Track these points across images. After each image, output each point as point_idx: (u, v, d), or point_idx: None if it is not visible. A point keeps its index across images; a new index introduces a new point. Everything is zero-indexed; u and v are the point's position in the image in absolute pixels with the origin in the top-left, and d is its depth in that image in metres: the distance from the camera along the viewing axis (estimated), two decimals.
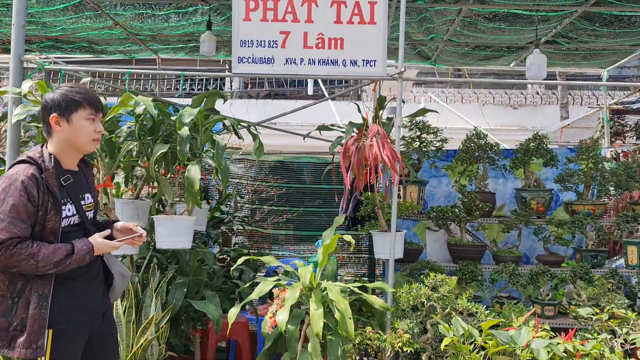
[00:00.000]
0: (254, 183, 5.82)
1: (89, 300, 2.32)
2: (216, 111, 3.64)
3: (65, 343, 2.21)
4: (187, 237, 3.37)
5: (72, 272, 2.22)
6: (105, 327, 2.43)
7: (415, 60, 5.66)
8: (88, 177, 2.46)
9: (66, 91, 2.29)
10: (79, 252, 2.19)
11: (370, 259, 5.69)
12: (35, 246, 2.12)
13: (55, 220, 2.20)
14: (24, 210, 2.12)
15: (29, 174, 2.17)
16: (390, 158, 3.37)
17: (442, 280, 3.30)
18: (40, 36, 4.95)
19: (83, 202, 2.36)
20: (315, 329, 2.83)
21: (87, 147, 2.35)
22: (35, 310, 2.14)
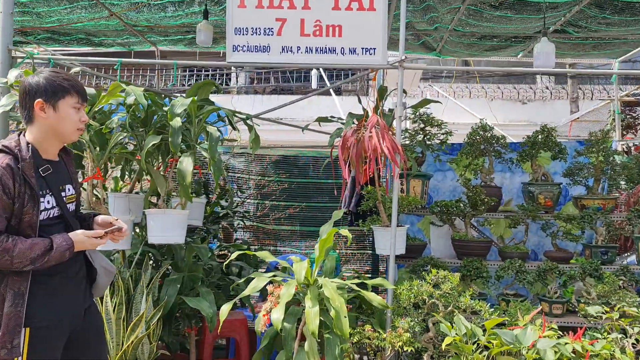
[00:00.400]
0: (255, 178, 5.71)
1: (68, 298, 2.19)
2: (211, 102, 3.52)
3: (43, 342, 2.09)
4: (180, 231, 3.26)
5: (51, 269, 2.10)
6: (87, 324, 2.30)
7: (419, 51, 5.50)
8: (69, 167, 2.33)
9: (52, 76, 2.16)
10: (58, 248, 2.07)
11: (373, 256, 5.57)
12: (10, 241, 2.00)
13: (32, 214, 2.07)
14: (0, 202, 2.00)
15: (4, 164, 2.04)
16: (390, 150, 3.24)
17: (444, 277, 3.17)
18: (35, 27, 4.85)
19: (64, 193, 2.23)
20: (311, 327, 2.71)
21: (71, 136, 2.24)
22: (11, 308, 2.02)
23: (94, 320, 2.36)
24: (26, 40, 5.32)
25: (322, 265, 3.19)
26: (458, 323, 2.88)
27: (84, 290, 2.30)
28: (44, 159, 2.18)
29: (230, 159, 5.65)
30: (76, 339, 2.26)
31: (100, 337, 2.39)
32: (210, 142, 3.12)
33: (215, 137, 3.13)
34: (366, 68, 3.77)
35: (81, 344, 2.29)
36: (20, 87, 2.20)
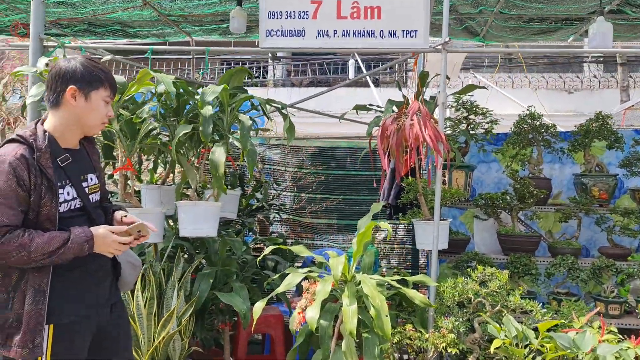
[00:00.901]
0: (291, 170, 5.57)
1: (92, 293, 2.09)
2: (244, 90, 3.38)
3: (67, 339, 2.00)
4: (211, 224, 3.14)
5: (72, 264, 1.99)
6: (114, 321, 2.20)
7: (462, 37, 5.24)
8: (92, 155, 2.21)
9: (89, 64, 2.06)
10: (74, 239, 1.95)
11: (414, 251, 5.37)
12: (27, 236, 1.90)
13: (51, 206, 1.96)
14: (13, 195, 1.89)
15: (18, 155, 1.92)
16: (433, 138, 3.03)
17: (491, 274, 2.95)
18: (71, 18, 4.82)
19: (85, 183, 2.12)
20: (349, 326, 2.55)
21: (95, 129, 2.16)
22: (32, 306, 1.93)
23: (120, 317, 2.26)
24: (63, 33, 5.30)
25: (360, 260, 3.02)
26: (507, 324, 2.67)
27: (109, 286, 2.20)
28: (63, 148, 2.07)
29: (266, 151, 5.53)
30: (103, 336, 2.16)
31: (127, 333, 2.29)
32: (242, 131, 2.99)
33: (248, 126, 3.00)
34: (407, 52, 3.56)
35: (109, 341, 2.19)
36: (52, 69, 2.08)
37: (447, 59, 3.21)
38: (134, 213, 3.06)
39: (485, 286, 2.93)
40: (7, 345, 1.93)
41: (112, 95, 2.13)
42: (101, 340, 2.16)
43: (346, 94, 10.09)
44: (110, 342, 2.20)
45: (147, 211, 3.19)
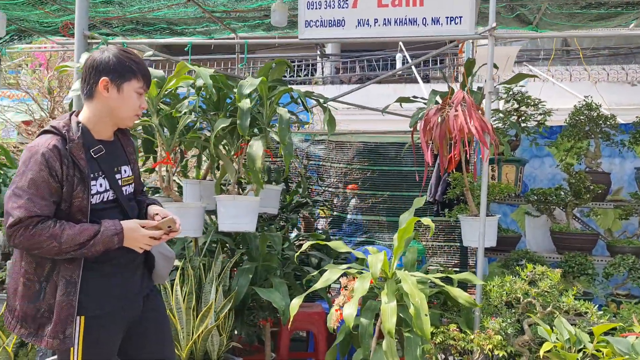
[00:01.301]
0: (337, 165, 5.49)
1: (123, 285, 2.09)
2: (284, 82, 3.33)
3: (98, 331, 1.99)
4: (250, 219, 3.11)
5: (103, 257, 1.99)
6: (146, 313, 2.19)
7: (513, 25, 5.01)
8: (126, 147, 2.21)
9: (122, 55, 2.06)
10: (104, 231, 1.94)
11: (462, 248, 5.20)
12: (58, 226, 1.90)
13: (82, 197, 1.96)
14: (45, 185, 1.90)
15: (51, 145, 1.93)
16: (479, 129, 2.89)
17: (542, 273, 2.78)
18: (118, 17, 4.91)
19: (119, 175, 2.12)
20: (387, 325, 2.45)
21: (127, 121, 2.15)
22: (63, 296, 1.93)
23: (154, 309, 2.24)
24: (113, 32, 5.41)
25: (401, 257, 2.90)
26: (559, 326, 2.50)
27: (141, 278, 2.19)
28: (97, 139, 2.07)
29: (311, 146, 5.47)
30: (135, 328, 2.15)
31: (163, 323, 2.27)
32: (280, 124, 2.93)
33: (286, 120, 2.94)
34: (451, 40, 3.42)
35: (141, 333, 2.18)
36: (86, 61, 2.09)
37: (501, 52, 3.05)
38: (174, 207, 3.07)
39: (535, 286, 2.76)
40: (38, 335, 1.94)
41: (145, 87, 2.11)
42: (134, 332, 2.15)
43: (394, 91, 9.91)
44: (142, 334, 2.19)
45: (187, 205, 3.19)
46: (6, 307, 2.04)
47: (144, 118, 2.97)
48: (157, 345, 2.22)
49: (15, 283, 1.99)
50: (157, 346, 2.21)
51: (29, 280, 1.96)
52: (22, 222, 1.86)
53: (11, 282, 2.01)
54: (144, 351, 2.17)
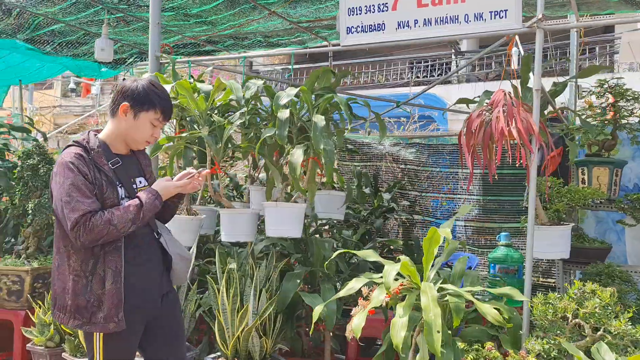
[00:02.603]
0: (429, 169, 5.33)
1: (143, 283, 2.30)
2: (331, 90, 3.35)
3: (127, 321, 2.22)
4: (294, 225, 3.18)
5: (127, 256, 2.24)
6: (165, 310, 2.40)
7: (622, 9, 4.43)
8: (141, 161, 2.46)
9: (148, 87, 2.31)
10: (147, 201, 2.22)
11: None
12: (107, 214, 2.15)
13: (113, 197, 2.23)
14: (84, 186, 2.16)
15: (76, 154, 2.21)
16: (522, 132, 2.65)
17: (591, 292, 2.47)
18: (214, 34, 5.29)
19: (135, 185, 2.37)
20: (395, 340, 2.37)
21: (137, 145, 2.41)
22: (112, 285, 2.19)
23: (170, 309, 2.43)
24: (216, 49, 5.84)
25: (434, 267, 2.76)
26: (595, 354, 2.20)
27: (160, 277, 2.39)
28: (114, 153, 2.34)
29: (401, 150, 5.38)
30: (155, 325, 2.37)
31: (178, 324, 2.47)
32: (314, 132, 2.96)
33: (320, 127, 2.96)
34: (497, 36, 3.17)
35: (160, 330, 2.39)
36: (119, 85, 2.37)
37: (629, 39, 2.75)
38: (224, 214, 3.25)
39: (582, 305, 2.46)
40: (91, 322, 2.20)
41: (161, 119, 2.34)
42: (153, 328, 2.37)
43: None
44: (162, 331, 2.39)
45: (238, 212, 3.36)
46: (55, 307, 2.31)
47: (195, 130, 3.20)
48: (166, 345, 2.40)
49: (63, 282, 2.25)
50: (165, 346, 2.40)
51: (77, 276, 2.21)
52: (78, 222, 2.12)
53: (58, 283, 2.28)
54: (153, 348, 2.37)
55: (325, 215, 3.89)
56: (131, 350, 2.34)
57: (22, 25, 4.93)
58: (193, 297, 3.37)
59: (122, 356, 2.30)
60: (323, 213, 3.88)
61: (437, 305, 2.39)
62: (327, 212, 3.88)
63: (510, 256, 3.45)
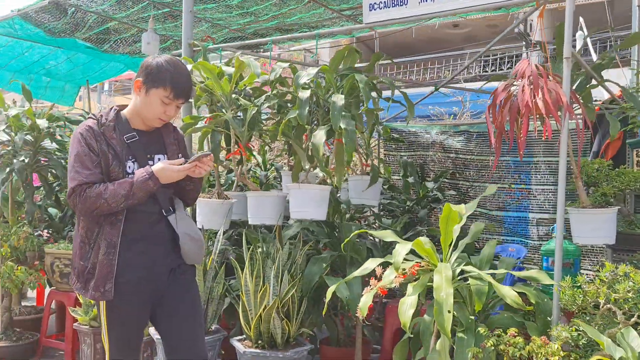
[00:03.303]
0: (477, 158, 5.10)
1: (147, 257, 2.32)
2: (357, 71, 3.27)
3: (124, 294, 2.26)
4: (317, 207, 3.13)
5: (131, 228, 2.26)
6: (174, 289, 2.40)
7: None
8: (166, 138, 2.43)
9: (164, 64, 2.29)
10: (138, 179, 2.21)
11: None
12: (101, 186, 2.20)
13: (118, 171, 2.25)
14: (87, 158, 2.21)
15: (87, 126, 2.28)
16: (548, 103, 2.47)
17: (624, 275, 2.25)
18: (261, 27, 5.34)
19: (152, 162, 2.36)
20: (402, 318, 2.26)
21: (151, 122, 2.37)
22: (104, 256, 2.24)
23: (180, 287, 2.42)
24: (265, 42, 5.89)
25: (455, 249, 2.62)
26: (620, 340, 2.00)
27: (165, 252, 2.38)
28: (133, 128, 2.35)
29: (449, 139, 5.19)
30: (162, 303, 2.39)
31: (188, 305, 2.43)
32: (332, 111, 2.90)
33: (339, 107, 2.90)
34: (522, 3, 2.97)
35: (168, 309, 2.40)
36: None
37: None
38: (251, 196, 3.26)
39: (613, 289, 2.25)
40: (85, 288, 2.28)
41: (172, 97, 2.28)
42: (164, 306, 2.39)
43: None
44: (172, 310, 2.40)
45: (264, 194, 3.35)
46: (72, 267, 2.44)
47: (220, 112, 3.23)
48: (178, 324, 2.39)
49: (76, 246, 2.35)
50: (178, 325, 2.40)
51: (82, 242, 2.31)
52: (74, 191, 2.20)
53: (74, 245, 2.39)
54: (165, 326, 2.40)
55: (358, 201, 3.82)
56: (132, 322, 2.37)
57: (79, 24, 5.18)
58: (220, 279, 3.39)
59: (124, 326, 2.33)
60: (356, 199, 3.82)
61: (450, 286, 2.27)
62: (361, 198, 3.81)
63: (565, 248, 3.22)
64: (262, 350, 3.04)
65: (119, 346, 2.35)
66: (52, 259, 4.29)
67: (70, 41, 5.70)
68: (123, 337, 2.36)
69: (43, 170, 4.77)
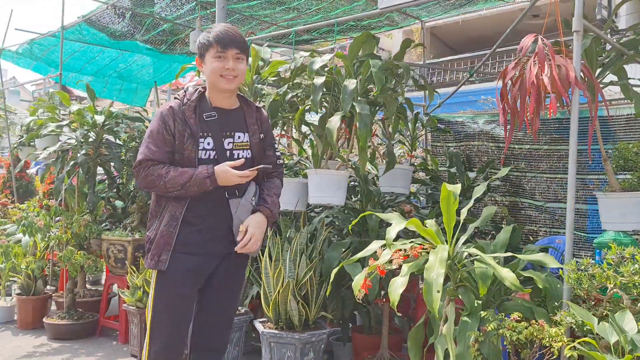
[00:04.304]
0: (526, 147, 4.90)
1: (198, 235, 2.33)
2: (377, 56, 3.28)
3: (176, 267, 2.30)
4: (334, 192, 3.18)
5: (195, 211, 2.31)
6: (221, 270, 2.42)
7: None
8: (247, 118, 2.45)
9: (205, 34, 2.35)
10: (197, 175, 2.24)
11: None
12: (164, 169, 2.27)
13: (191, 150, 2.30)
14: (159, 136, 2.29)
15: (168, 106, 2.35)
16: (556, 79, 2.37)
17: (630, 256, 2.12)
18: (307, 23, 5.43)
19: (231, 139, 2.38)
20: (392, 296, 2.25)
21: (219, 84, 2.35)
22: (165, 227, 2.31)
23: (227, 271, 2.44)
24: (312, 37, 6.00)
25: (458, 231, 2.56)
26: (612, 322, 1.89)
27: (223, 237, 2.37)
28: (214, 106, 2.40)
29: (496, 128, 5.02)
30: (210, 281, 2.42)
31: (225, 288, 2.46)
32: (342, 95, 2.94)
33: (349, 90, 2.93)
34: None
35: (213, 287, 2.43)
36: None
37: None
38: None
39: (619, 272, 2.12)
40: (146, 256, 2.39)
41: (221, 50, 2.29)
42: (209, 284, 2.43)
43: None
44: (214, 287, 2.44)
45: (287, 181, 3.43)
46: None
47: None
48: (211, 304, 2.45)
49: (149, 216, 2.44)
50: (211, 304, 2.45)
51: (152, 215, 2.40)
52: (140, 164, 2.29)
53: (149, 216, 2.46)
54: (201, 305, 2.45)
55: (388, 189, 3.82)
56: (178, 298, 2.34)
57: (137, 27, 5.54)
58: None
59: (170, 298, 2.32)
60: (386, 187, 3.81)
61: (443, 267, 2.23)
62: (391, 186, 3.80)
63: (619, 241, 3.05)
64: (279, 331, 3.12)
65: (161, 321, 2.33)
66: (108, 245, 4.61)
67: (133, 44, 6.08)
68: (167, 314, 2.33)
69: (106, 163, 5.13)
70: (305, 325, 3.21)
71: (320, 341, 3.19)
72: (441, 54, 14.50)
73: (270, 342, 3.15)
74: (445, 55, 13.52)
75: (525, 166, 4.84)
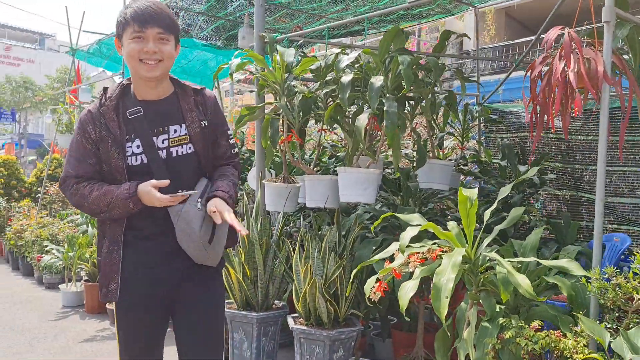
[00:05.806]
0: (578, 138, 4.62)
1: (144, 257, 2.02)
2: (407, 52, 3.20)
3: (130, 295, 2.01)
4: (363, 190, 3.14)
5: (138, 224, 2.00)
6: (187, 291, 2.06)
7: None
8: (182, 106, 2.03)
9: (123, 8, 1.96)
10: (118, 195, 1.92)
11: None
12: (88, 188, 1.96)
13: (118, 158, 1.95)
14: (80, 147, 1.98)
15: (86, 111, 2.00)
16: (584, 76, 2.23)
17: None
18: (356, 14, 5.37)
19: (165, 136, 1.99)
20: (401, 301, 2.21)
21: (139, 71, 1.94)
22: (107, 254, 2.01)
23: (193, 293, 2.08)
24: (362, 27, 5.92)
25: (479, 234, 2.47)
26: (626, 338, 1.77)
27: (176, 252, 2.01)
28: (139, 100, 2.00)
29: None
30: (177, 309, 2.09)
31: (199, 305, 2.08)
32: (369, 92, 2.89)
33: (376, 88, 2.88)
34: None
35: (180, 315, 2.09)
36: None
37: None
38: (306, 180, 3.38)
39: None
40: (97, 283, 2.21)
41: (140, 29, 1.89)
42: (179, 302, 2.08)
43: None
44: (186, 306, 2.09)
45: (317, 178, 3.44)
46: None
47: (273, 101, 3.39)
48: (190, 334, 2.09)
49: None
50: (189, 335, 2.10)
51: (99, 236, 2.08)
52: (65, 182, 2.00)
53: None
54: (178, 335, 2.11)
55: (426, 185, 3.74)
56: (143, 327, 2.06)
57: (191, 25, 5.70)
58: (282, 259, 3.56)
59: (132, 329, 2.05)
60: (424, 183, 3.73)
61: (454, 271, 2.17)
62: (429, 182, 3.72)
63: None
64: (308, 328, 3.16)
65: (127, 350, 2.07)
66: None
67: (189, 40, 6.27)
68: (134, 345, 2.06)
69: None
70: (335, 322, 3.22)
71: (350, 338, 3.20)
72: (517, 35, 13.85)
73: (300, 338, 3.20)
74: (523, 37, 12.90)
75: (583, 158, 4.58)
